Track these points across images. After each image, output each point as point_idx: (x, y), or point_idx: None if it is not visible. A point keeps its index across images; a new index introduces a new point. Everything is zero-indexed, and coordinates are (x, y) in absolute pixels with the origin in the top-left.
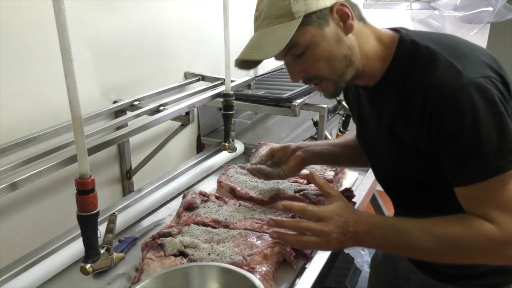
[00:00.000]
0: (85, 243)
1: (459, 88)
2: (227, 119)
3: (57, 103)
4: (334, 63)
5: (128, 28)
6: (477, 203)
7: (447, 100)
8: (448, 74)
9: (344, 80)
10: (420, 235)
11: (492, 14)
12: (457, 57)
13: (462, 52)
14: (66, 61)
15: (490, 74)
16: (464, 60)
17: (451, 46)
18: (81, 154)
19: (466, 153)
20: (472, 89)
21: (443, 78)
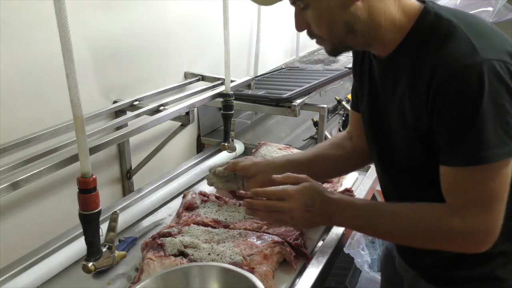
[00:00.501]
0: (87, 242)
1: (471, 66)
2: (227, 119)
3: (57, 103)
4: (334, 27)
5: (128, 28)
6: (452, 189)
7: (456, 76)
8: (463, 49)
9: (343, 44)
10: (388, 217)
11: (492, 14)
12: (478, 36)
13: (485, 33)
14: (68, 61)
15: (507, 60)
16: (484, 40)
17: (475, 25)
18: (82, 153)
19: (461, 133)
20: (485, 69)
21: (456, 53)
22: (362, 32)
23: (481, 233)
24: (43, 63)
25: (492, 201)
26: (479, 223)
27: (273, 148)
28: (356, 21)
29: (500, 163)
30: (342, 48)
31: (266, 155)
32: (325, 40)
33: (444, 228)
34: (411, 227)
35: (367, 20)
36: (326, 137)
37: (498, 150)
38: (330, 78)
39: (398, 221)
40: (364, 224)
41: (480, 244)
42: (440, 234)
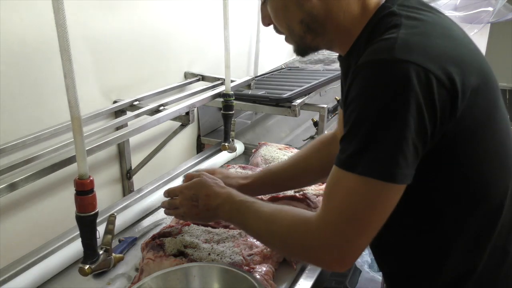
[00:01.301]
0: (84, 244)
1: (376, 62)
2: (227, 119)
3: (57, 103)
4: (291, 24)
5: (128, 28)
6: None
7: (360, 70)
8: (383, 45)
9: (305, 44)
10: (253, 217)
11: (492, 14)
12: (411, 35)
13: (427, 35)
14: (66, 61)
15: (431, 69)
16: (414, 42)
17: (425, 26)
18: (80, 154)
19: (346, 132)
20: (390, 70)
21: (375, 49)
22: (320, 32)
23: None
24: (43, 63)
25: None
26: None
27: (273, 148)
28: (313, 19)
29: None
30: (306, 48)
31: (266, 155)
32: (287, 38)
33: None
34: (268, 229)
35: (323, 18)
36: None
37: (377, 167)
38: (330, 78)
39: (260, 222)
40: (237, 222)
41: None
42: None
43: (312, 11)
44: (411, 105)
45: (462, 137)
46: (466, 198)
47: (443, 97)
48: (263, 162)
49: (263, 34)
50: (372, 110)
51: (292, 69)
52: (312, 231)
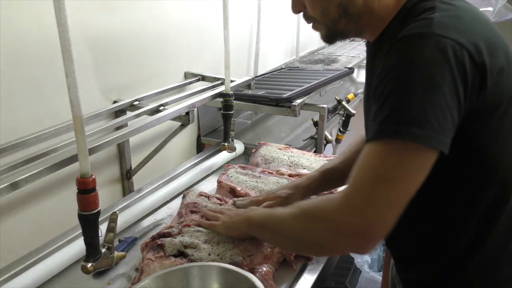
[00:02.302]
0: (86, 242)
1: (416, 35)
2: (227, 119)
3: (57, 103)
4: (327, 7)
5: (128, 28)
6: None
7: (399, 42)
8: (420, 23)
9: (337, 28)
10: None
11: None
12: (448, 16)
13: (459, 18)
14: (67, 61)
15: (465, 45)
16: (448, 22)
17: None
18: (82, 153)
19: (381, 103)
20: (429, 42)
21: (413, 26)
22: (355, 17)
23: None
24: (43, 63)
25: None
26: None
27: (273, 148)
28: (350, 4)
29: (414, 145)
30: (336, 34)
31: (266, 155)
32: (319, 23)
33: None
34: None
35: (361, 4)
36: (326, 137)
37: (418, 130)
38: (330, 78)
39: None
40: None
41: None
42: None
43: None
44: (446, 76)
45: (486, 114)
46: (480, 175)
47: (474, 73)
48: (263, 162)
49: (263, 34)
50: (411, 76)
51: (292, 69)
52: (335, 201)
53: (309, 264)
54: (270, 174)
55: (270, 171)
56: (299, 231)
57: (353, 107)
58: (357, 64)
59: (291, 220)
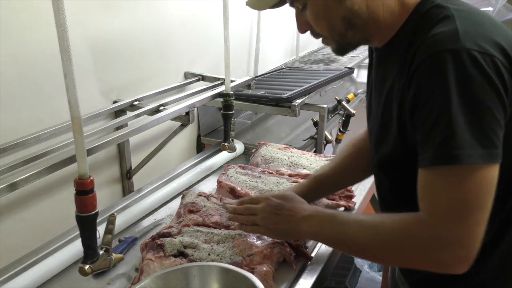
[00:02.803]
0: (84, 244)
1: (447, 51)
2: (227, 119)
3: (57, 103)
4: (333, 23)
5: (128, 28)
6: (424, 194)
7: (429, 61)
8: (445, 35)
9: (345, 41)
10: (354, 226)
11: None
12: (469, 25)
13: (480, 23)
14: (66, 62)
15: (494, 54)
16: (473, 29)
17: (472, 15)
18: (80, 154)
19: (431, 128)
20: (462, 58)
21: (438, 38)
22: (361, 27)
23: (453, 246)
24: (43, 63)
25: (467, 209)
26: (450, 233)
27: (273, 148)
28: (354, 15)
29: (475, 166)
30: (346, 45)
31: (266, 155)
32: (328, 38)
33: (411, 238)
34: (375, 235)
35: (365, 13)
36: (326, 137)
37: (471, 151)
38: (330, 78)
39: (362, 229)
40: (329, 233)
41: (454, 259)
42: (407, 245)
43: (353, 7)
44: (489, 90)
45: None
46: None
47: (509, 78)
48: (263, 162)
49: (263, 34)
50: (455, 100)
51: (292, 69)
52: (429, 229)
53: (309, 264)
54: (270, 174)
55: (270, 171)
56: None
57: (353, 107)
58: (357, 64)
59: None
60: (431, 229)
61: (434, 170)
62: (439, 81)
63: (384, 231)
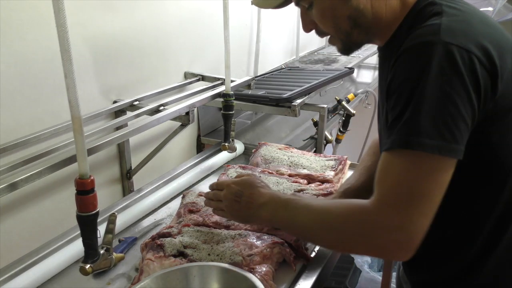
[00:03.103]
0: (85, 244)
1: (424, 43)
2: (227, 119)
3: (57, 103)
4: (338, 22)
5: (128, 28)
6: (378, 178)
7: (406, 51)
8: (428, 29)
9: (351, 40)
10: (303, 212)
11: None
12: (456, 21)
13: (466, 22)
14: (66, 61)
15: (474, 51)
16: (459, 26)
17: (464, 14)
18: (80, 154)
19: (393, 113)
20: (438, 50)
21: (420, 32)
22: (366, 26)
23: (393, 232)
24: (43, 63)
25: (411, 197)
26: (391, 219)
27: (273, 148)
28: (359, 14)
29: (429, 155)
30: (351, 45)
31: (266, 155)
32: (333, 37)
33: (354, 223)
34: (322, 220)
35: (369, 13)
36: (326, 137)
37: (428, 140)
38: (330, 78)
39: (311, 215)
40: (283, 219)
41: (394, 246)
42: (350, 230)
43: (359, 6)
44: (455, 84)
45: (499, 117)
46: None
47: (485, 77)
48: (263, 162)
49: (263, 34)
50: (422, 88)
51: (292, 69)
52: (371, 215)
53: (309, 265)
54: (270, 174)
55: (270, 171)
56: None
57: (353, 107)
58: (357, 64)
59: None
60: (373, 214)
61: (390, 153)
62: (411, 70)
63: (330, 216)
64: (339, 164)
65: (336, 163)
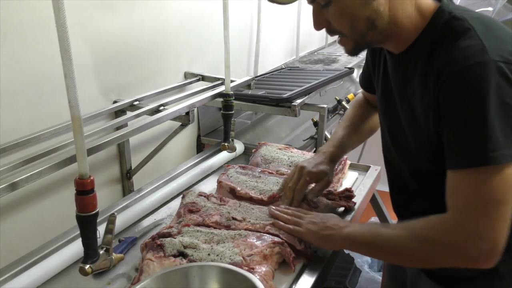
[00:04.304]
0: (84, 244)
1: (477, 65)
2: (227, 119)
3: (57, 103)
4: (356, 23)
5: (128, 28)
6: (454, 194)
7: (461, 74)
8: (472, 49)
9: (364, 41)
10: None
11: (492, 14)
12: (489, 37)
13: (497, 35)
14: (66, 61)
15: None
16: (494, 41)
17: (489, 26)
18: (80, 154)
19: (464, 133)
20: (491, 70)
21: (465, 52)
22: (382, 28)
23: (481, 241)
24: (43, 63)
25: (493, 203)
26: (474, 226)
27: (273, 148)
28: (378, 17)
29: (506, 164)
30: (363, 45)
31: (266, 155)
32: (347, 37)
33: (442, 236)
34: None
35: (387, 16)
36: (326, 137)
37: (506, 151)
38: (330, 78)
39: (396, 230)
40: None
41: (478, 253)
42: (439, 243)
43: (379, 8)
44: None
45: None
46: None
47: None
48: (263, 162)
49: (263, 34)
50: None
51: (292, 69)
52: (452, 226)
53: (309, 265)
54: (270, 174)
55: (270, 171)
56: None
57: None
58: (357, 64)
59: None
60: (456, 224)
61: (469, 172)
62: (471, 92)
63: (417, 231)
64: (339, 164)
65: (336, 163)
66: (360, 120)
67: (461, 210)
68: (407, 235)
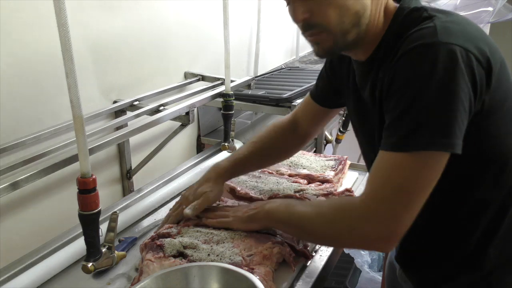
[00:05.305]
0: (87, 242)
1: (426, 45)
2: (227, 119)
3: (57, 103)
4: (344, 14)
5: (128, 28)
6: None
7: (410, 54)
8: (425, 31)
9: (344, 40)
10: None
11: (492, 14)
12: (448, 22)
13: (457, 22)
14: (67, 61)
15: (471, 49)
16: (451, 27)
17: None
18: (82, 153)
19: (399, 114)
20: (440, 51)
21: (416, 36)
22: (361, 28)
23: (378, 225)
24: (43, 63)
25: (400, 192)
26: (379, 213)
27: None
28: (364, 14)
29: (429, 153)
30: (341, 45)
31: None
32: (328, 33)
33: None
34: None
35: (368, 15)
36: (326, 137)
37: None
38: None
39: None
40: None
41: (376, 236)
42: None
43: (367, 4)
44: (460, 81)
45: (493, 109)
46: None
47: (480, 73)
48: None
49: (263, 34)
50: (426, 88)
51: (292, 69)
52: (357, 207)
53: (309, 264)
54: (270, 174)
55: (270, 171)
56: (324, 231)
57: None
58: None
59: (315, 220)
60: (359, 208)
61: (385, 154)
62: (414, 71)
63: (325, 209)
64: (339, 164)
65: (336, 163)
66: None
67: (368, 193)
68: (315, 213)
